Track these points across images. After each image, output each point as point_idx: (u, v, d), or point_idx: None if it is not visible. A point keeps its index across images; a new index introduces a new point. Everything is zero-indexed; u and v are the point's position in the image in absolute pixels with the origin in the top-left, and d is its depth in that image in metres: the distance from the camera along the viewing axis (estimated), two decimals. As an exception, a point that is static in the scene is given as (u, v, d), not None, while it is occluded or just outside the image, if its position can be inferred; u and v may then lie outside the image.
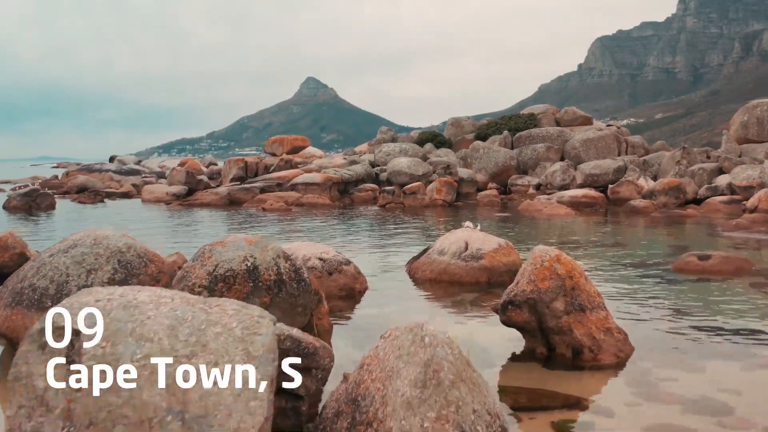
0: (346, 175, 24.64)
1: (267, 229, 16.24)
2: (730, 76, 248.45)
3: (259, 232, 14.90)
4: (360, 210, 20.94)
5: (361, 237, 14.60)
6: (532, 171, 29.74)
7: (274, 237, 14.19)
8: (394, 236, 14.76)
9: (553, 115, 34.60)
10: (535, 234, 15.36)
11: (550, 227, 16.51)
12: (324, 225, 16.97)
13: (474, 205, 22.70)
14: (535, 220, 17.90)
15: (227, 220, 18.44)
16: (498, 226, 16.36)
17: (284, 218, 18.63)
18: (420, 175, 24.39)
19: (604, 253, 12.08)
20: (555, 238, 14.20)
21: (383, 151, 28.25)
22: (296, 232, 15.39)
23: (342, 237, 14.45)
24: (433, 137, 32.78)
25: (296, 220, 18.29)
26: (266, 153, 36.97)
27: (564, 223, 17.28)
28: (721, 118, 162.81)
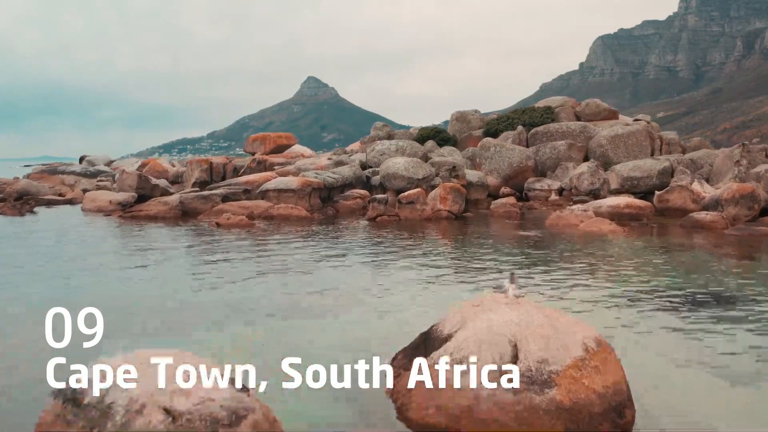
0: (329, 179, 19.80)
1: (195, 263, 11.41)
2: (731, 75, 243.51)
3: (175, 273, 10.08)
4: (343, 225, 16.12)
5: (326, 280, 9.70)
6: (551, 172, 24.87)
7: (185, 287, 9.37)
8: (382, 276, 9.90)
9: (573, 108, 29.71)
10: (588, 270, 10.47)
11: (601, 256, 11.65)
12: (281, 254, 12.10)
13: (487, 217, 17.86)
14: (574, 242, 13.05)
15: (155, 243, 13.59)
16: (527, 256, 11.54)
17: (239, 238, 13.81)
18: (420, 178, 19.57)
19: (723, 315, 7.26)
20: (620, 283, 9.30)
21: (376, 150, 23.39)
22: (228, 270, 10.55)
23: (294, 282, 9.58)
24: (435, 133, 27.92)
25: (252, 242, 13.47)
26: (246, 153, 32.17)
27: (614, 246, 12.44)
28: (723, 116, 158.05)
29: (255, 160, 21.68)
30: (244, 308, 7.65)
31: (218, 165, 21.81)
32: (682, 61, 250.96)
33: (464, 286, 8.84)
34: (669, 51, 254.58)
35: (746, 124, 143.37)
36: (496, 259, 10.98)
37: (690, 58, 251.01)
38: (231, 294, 8.44)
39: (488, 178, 23.44)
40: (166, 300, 8.12)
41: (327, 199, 19.97)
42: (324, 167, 21.26)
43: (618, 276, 9.63)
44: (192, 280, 9.41)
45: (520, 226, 15.60)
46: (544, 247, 12.53)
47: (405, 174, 19.54)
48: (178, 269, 10.34)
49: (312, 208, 18.98)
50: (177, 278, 9.63)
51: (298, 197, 18.62)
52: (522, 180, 23.89)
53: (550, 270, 9.92)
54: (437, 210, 17.02)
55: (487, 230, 14.98)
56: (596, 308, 7.49)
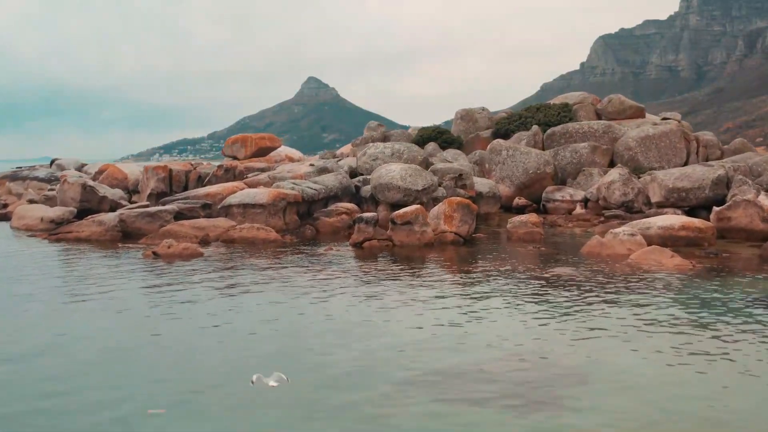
0: (308, 190, 16.02)
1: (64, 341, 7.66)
2: (733, 74, 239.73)
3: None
4: (319, 254, 12.32)
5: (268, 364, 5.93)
6: (572, 180, 21.06)
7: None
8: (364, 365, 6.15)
9: (593, 106, 25.88)
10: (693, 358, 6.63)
11: (695, 323, 7.87)
12: (210, 319, 8.33)
13: (503, 241, 14.05)
14: (635, 288, 9.20)
15: (41, 290, 9.83)
16: (582, 320, 7.75)
17: (171, 282, 10.04)
18: (419, 190, 15.79)
19: None
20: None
21: (368, 154, 19.59)
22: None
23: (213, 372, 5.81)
24: (437, 134, 24.11)
25: (184, 290, 9.69)
26: (226, 156, 28.38)
27: (698, 297, 8.66)
28: (725, 116, 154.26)
29: (222, 166, 17.91)
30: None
31: (179, 173, 18.02)
32: (683, 61, 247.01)
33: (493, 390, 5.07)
34: (670, 50, 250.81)
35: (749, 124, 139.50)
36: (534, 327, 7.27)
37: (691, 58, 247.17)
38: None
39: (500, 187, 19.65)
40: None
41: (307, 214, 16.19)
42: (304, 176, 17.47)
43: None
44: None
45: (549, 256, 11.79)
46: (598, 298, 8.72)
47: (401, 184, 15.76)
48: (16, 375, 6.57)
49: (287, 226, 15.22)
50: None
51: (270, 214, 14.84)
52: (539, 189, 20.10)
53: (591, 329, 6.15)
54: (441, 232, 13.24)
55: (508, 263, 11.20)
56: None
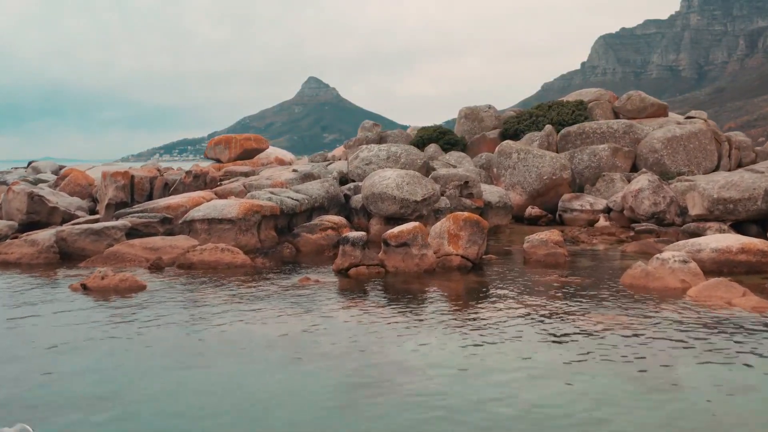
0: (288, 201, 13.50)
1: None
2: (734, 74, 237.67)
3: None
4: (293, 285, 9.79)
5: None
6: (590, 186, 18.56)
7: None
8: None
9: (611, 103, 23.37)
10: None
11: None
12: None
13: (519, 265, 11.49)
14: (712, 343, 6.70)
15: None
16: (632, 398, 5.23)
17: (90, 328, 7.53)
18: (418, 201, 13.27)
19: None
20: None
21: (360, 158, 17.06)
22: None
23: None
24: (438, 135, 21.58)
25: (95, 343, 7.19)
26: (209, 159, 25.91)
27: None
28: (727, 115, 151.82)
29: (191, 172, 15.36)
30: None
31: (142, 179, 15.47)
32: (684, 61, 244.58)
33: None
34: (671, 50, 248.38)
35: (751, 124, 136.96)
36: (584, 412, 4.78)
37: (692, 58, 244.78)
38: None
39: (510, 194, 17.13)
40: None
41: (287, 229, 13.67)
42: (285, 183, 14.93)
43: None
44: None
45: (581, 288, 9.25)
46: (670, 371, 6.20)
47: (397, 194, 13.24)
48: None
49: (262, 244, 12.71)
50: None
51: (240, 230, 12.32)
52: (555, 196, 17.59)
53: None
54: (445, 255, 10.71)
55: (530, 301, 8.67)
56: None
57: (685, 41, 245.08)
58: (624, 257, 11.96)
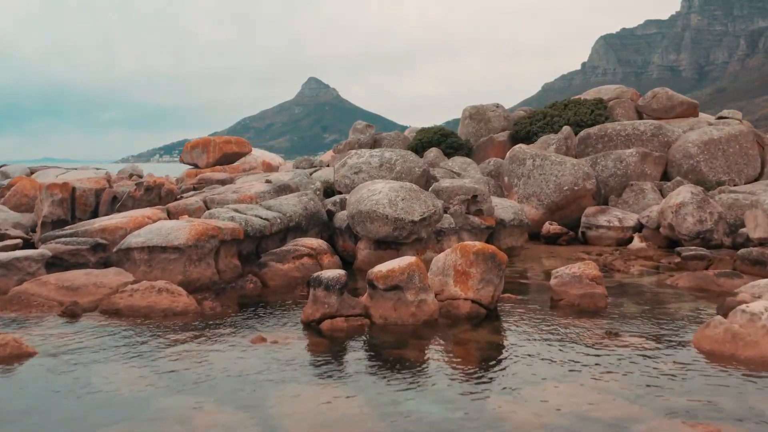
0: (255, 221, 10.77)
1: None
2: (735, 74, 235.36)
3: None
4: (243, 346, 7.11)
5: None
6: (616, 197, 15.86)
7: None
8: None
9: (633, 102, 20.67)
10: None
11: None
12: None
13: (543, 306, 8.76)
14: None
15: None
16: None
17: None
18: (416, 221, 10.55)
19: None
20: None
21: (348, 165, 14.32)
22: None
23: None
24: (440, 137, 18.85)
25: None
26: (185, 164, 23.22)
27: None
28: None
29: (142, 184, 12.61)
30: None
31: (85, 193, 12.73)
32: (685, 61, 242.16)
33: None
34: (672, 50, 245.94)
35: (753, 124, 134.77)
36: None
37: (693, 58, 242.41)
38: None
39: (525, 207, 14.43)
40: None
41: (254, 254, 10.95)
42: (256, 197, 12.20)
43: None
44: None
45: (637, 352, 6.55)
46: None
47: (389, 212, 10.52)
48: None
49: (222, 276, 10.01)
50: None
51: (191, 260, 9.60)
52: (576, 210, 14.89)
53: None
54: (450, 298, 8.01)
55: (573, 378, 6.01)
56: None
57: (685, 41, 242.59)
58: (679, 297, 9.22)
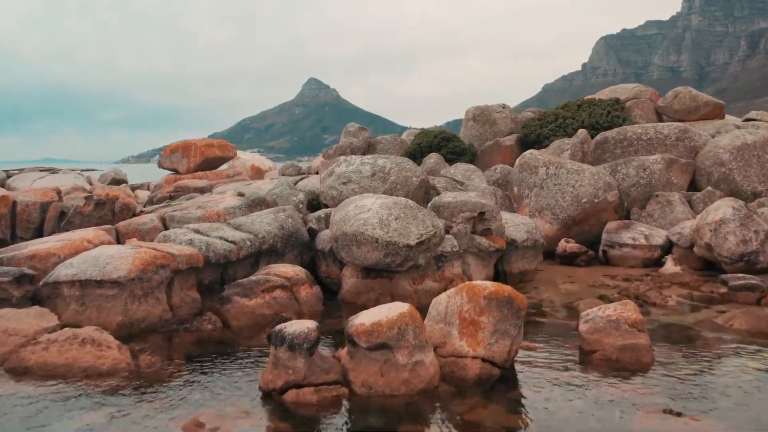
0: (220, 245, 8.88)
1: None
2: (736, 75, 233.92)
3: None
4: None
5: None
6: (639, 209, 13.96)
7: None
8: None
9: (652, 102, 18.77)
10: None
11: None
12: None
13: (572, 361, 6.89)
14: None
15: None
16: None
17: None
18: (411, 245, 8.66)
19: None
20: None
21: (335, 174, 12.42)
22: None
23: None
24: (441, 141, 16.96)
25: None
26: (165, 169, 21.35)
27: None
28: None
29: (92, 198, 10.68)
30: None
31: (28, 207, 10.81)
32: (685, 62, 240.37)
33: None
34: (672, 51, 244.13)
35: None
36: None
37: (694, 59, 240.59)
38: None
39: (537, 222, 12.54)
40: None
41: (218, 284, 9.06)
42: (225, 213, 10.30)
43: None
44: None
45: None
46: None
47: (380, 235, 8.63)
48: None
49: (177, 313, 8.15)
50: None
51: (134, 297, 7.74)
52: (596, 225, 13.00)
53: None
54: (453, 355, 6.15)
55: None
56: None
57: (686, 42, 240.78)
58: (740, 346, 7.32)
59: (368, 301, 9.16)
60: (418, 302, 9.15)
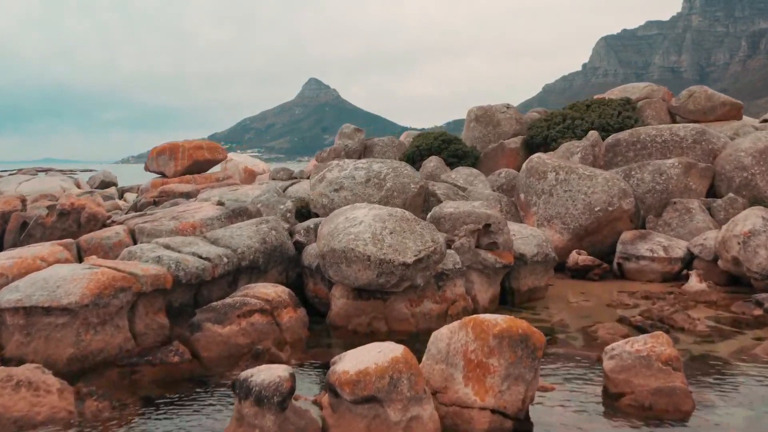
0: (192, 263, 7.80)
1: None
2: (736, 75, 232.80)
3: None
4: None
5: None
6: (655, 217, 12.90)
7: None
8: None
9: (665, 102, 17.73)
10: None
11: None
12: None
13: (596, 410, 5.83)
14: None
15: None
16: None
17: None
18: (408, 264, 7.60)
19: None
20: None
21: (327, 180, 11.36)
22: None
23: None
24: (441, 143, 15.89)
25: None
26: (151, 172, 20.29)
27: None
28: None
29: (55, 208, 9.61)
30: None
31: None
32: (686, 62, 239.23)
33: None
34: (673, 51, 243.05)
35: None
36: None
37: (694, 59, 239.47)
38: None
39: (546, 232, 11.48)
40: None
41: (190, 308, 7.98)
42: (202, 225, 9.24)
43: None
44: None
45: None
46: None
47: (373, 252, 7.56)
48: None
49: (141, 342, 7.11)
50: None
51: (88, 325, 6.69)
52: (609, 235, 11.94)
53: None
54: (458, 404, 5.11)
55: None
56: None
57: (686, 42, 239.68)
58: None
59: (359, 325, 8.11)
60: (416, 326, 8.13)
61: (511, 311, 9.11)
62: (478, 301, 8.90)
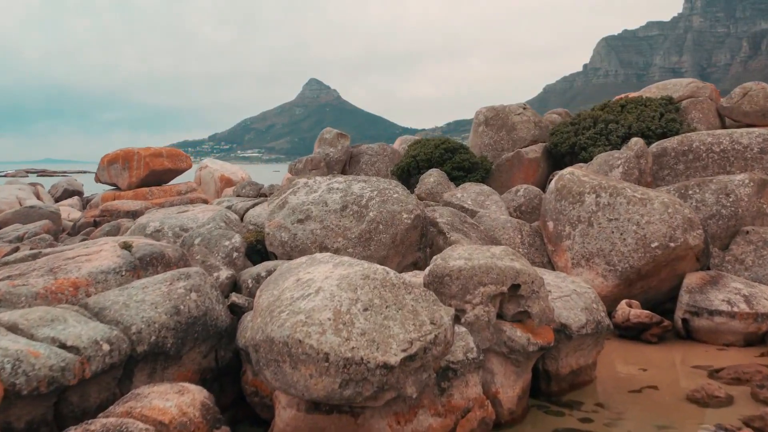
0: (46, 361, 4.70)
1: None
2: (737, 76, 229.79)
3: None
4: None
5: None
6: (721, 251, 9.78)
7: None
8: None
9: (713, 102, 14.64)
10: None
11: None
12: None
13: None
14: None
15: None
16: None
17: None
18: (391, 366, 4.51)
19: None
20: None
21: (289, 206, 8.27)
22: None
23: None
24: (443, 153, 12.75)
25: None
26: (102, 183, 17.21)
27: None
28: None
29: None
30: None
31: None
32: (687, 62, 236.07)
33: None
34: (674, 52, 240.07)
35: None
36: None
37: (695, 60, 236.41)
38: None
39: (584, 274, 8.38)
40: None
41: (46, 426, 4.90)
42: (87, 284, 6.17)
43: None
44: None
45: None
46: None
47: (334, 346, 4.47)
48: None
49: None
50: None
51: None
52: (668, 279, 8.84)
53: None
54: None
55: None
56: None
57: (687, 43, 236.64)
58: None
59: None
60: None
61: (547, 412, 6.05)
62: (500, 402, 5.81)
